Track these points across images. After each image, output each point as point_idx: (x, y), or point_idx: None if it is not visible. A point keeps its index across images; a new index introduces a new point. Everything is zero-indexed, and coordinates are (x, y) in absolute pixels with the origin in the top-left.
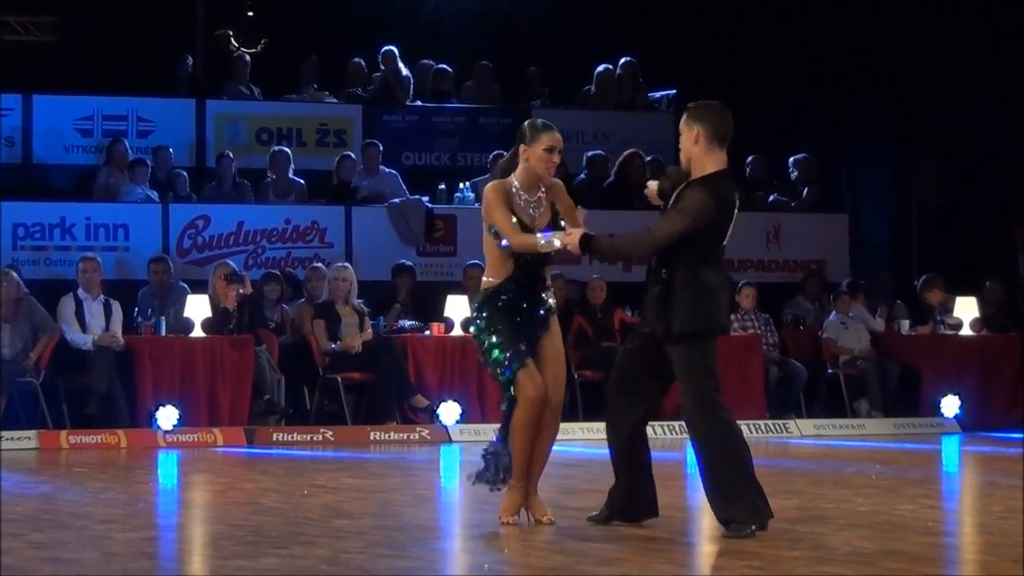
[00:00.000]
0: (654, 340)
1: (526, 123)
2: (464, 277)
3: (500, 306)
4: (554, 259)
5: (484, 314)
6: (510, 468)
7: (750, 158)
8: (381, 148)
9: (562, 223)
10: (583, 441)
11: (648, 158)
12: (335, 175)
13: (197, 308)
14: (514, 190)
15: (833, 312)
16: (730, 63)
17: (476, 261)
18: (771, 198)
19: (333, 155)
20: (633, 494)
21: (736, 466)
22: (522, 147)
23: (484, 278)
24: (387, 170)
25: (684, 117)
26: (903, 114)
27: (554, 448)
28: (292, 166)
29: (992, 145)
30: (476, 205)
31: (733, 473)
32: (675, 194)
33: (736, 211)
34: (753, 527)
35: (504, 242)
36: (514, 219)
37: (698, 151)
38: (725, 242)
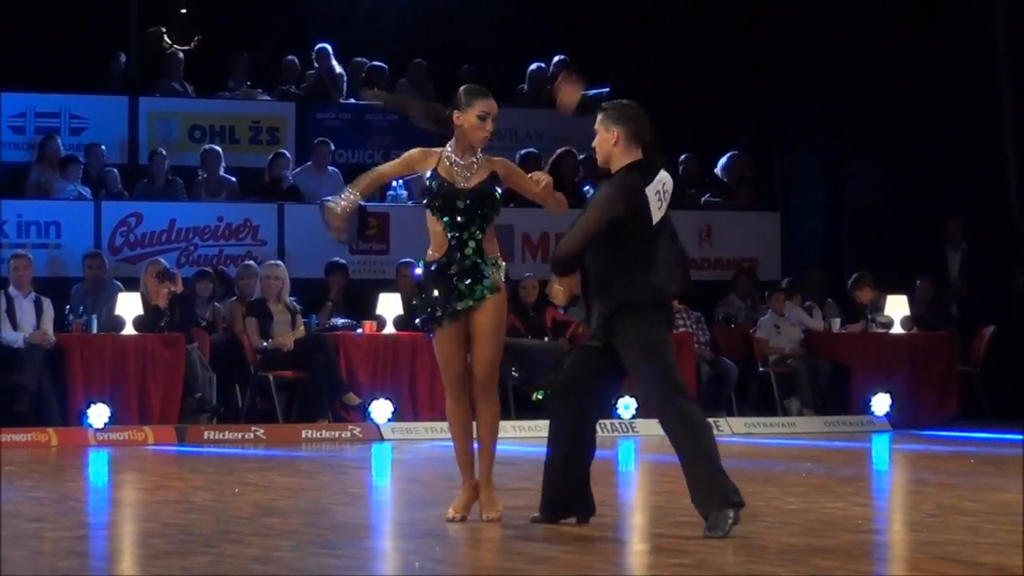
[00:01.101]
0: (599, 350)
1: (462, 88)
2: (396, 275)
3: (427, 278)
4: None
5: (417, 288)
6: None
7: (683, 157)
8: (332, 147)
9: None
10: (515, 439)
11: (581, 156)
12: (267, 172)
13: (129, 306)
14: (445, 154)
15: (768, 311)
16: (663, 61)
17: (409, 259)
18: (704, 197)
19: (266, 152)
20: (571, 494)
21: (708, 457)
22: (455, 112)
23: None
24: (332, 169)
25: (601, 117)
26: (835, 113)
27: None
28: (223, 164)
29: (922, 144)
30: (409, 203)
31: (705, 465)
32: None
33: (662, 192)
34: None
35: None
36: (434, 180)
37: (617, 151)
38: (655, 222)
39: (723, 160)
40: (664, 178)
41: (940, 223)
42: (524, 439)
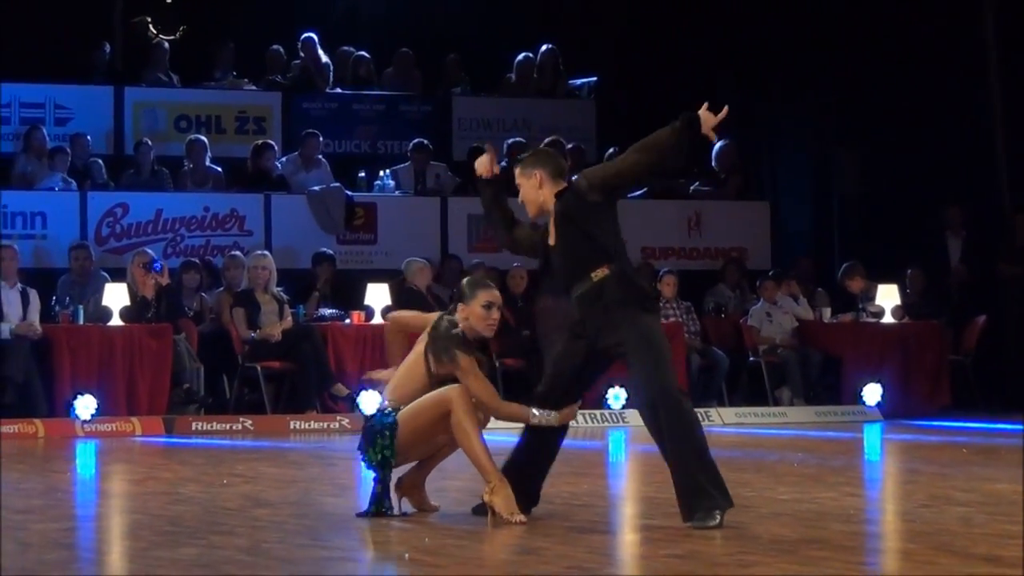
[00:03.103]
0: (579, 352)
1: (464, 282)
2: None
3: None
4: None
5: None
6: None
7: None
8: (321, 139)
9: None
10: (505, 429)
11: (569, 145)
12: (250, 162)
13: (115, 296)
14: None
15: (760, 300)
16: (650, 51)
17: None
18: (692, 186)
19: (253, 142)
20: (524, 491)
21: (700, 453)
22: (460, 306)
23: (392, 393)
24: (323, 160)
25: (519, 170)
26: (823, 102)
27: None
28: (209, 154)
29: (911, 132)
30: (396, 193)
31: (697, 462)
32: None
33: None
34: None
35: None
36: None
37: (547, 192)
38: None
39: (714, 149)
40: None
41: (930, 211)
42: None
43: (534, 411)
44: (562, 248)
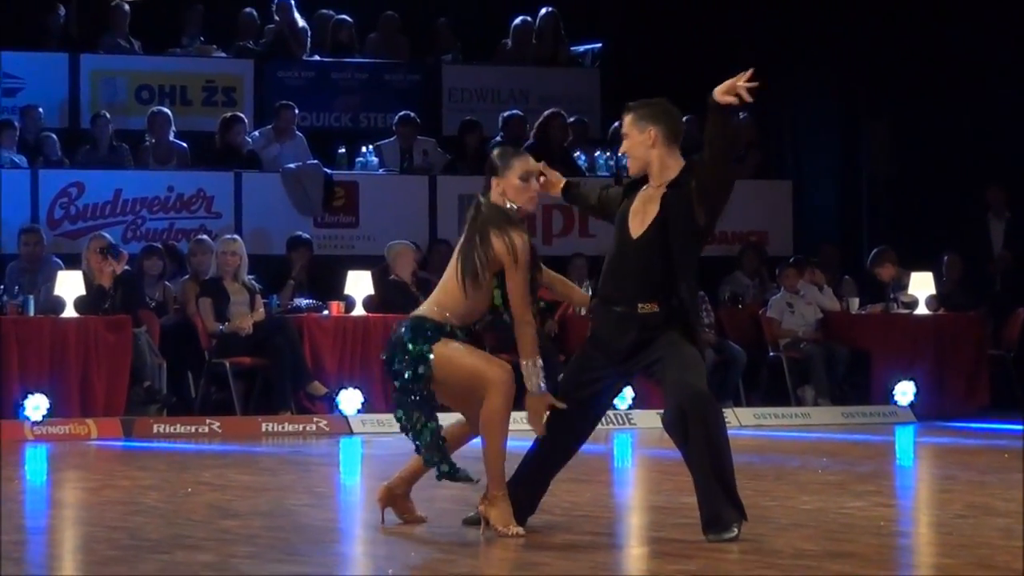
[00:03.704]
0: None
1: (494, 153)
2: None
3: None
4: None
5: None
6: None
7: (684, 118)
8: (297, 111)
9: None
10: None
11: (571, 119)
12: (218, 137)
13: (69, 285)
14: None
15: (780, 289)
16: (660, 14)
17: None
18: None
19: (222, 115)
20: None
21: (726, 462)
22: (494, 180)
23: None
24: (297, 134)
25: (630, 118)
26: (849, 70)
27: (471, 442)
28: (173, 128)
29: (948, 102)
30: (380, 171)
31: (721, 472)
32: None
33: None
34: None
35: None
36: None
37: (658, 153)
38: None
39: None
40: None
41: (970, 190)
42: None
43: (534, 377)
44: (643, 250)
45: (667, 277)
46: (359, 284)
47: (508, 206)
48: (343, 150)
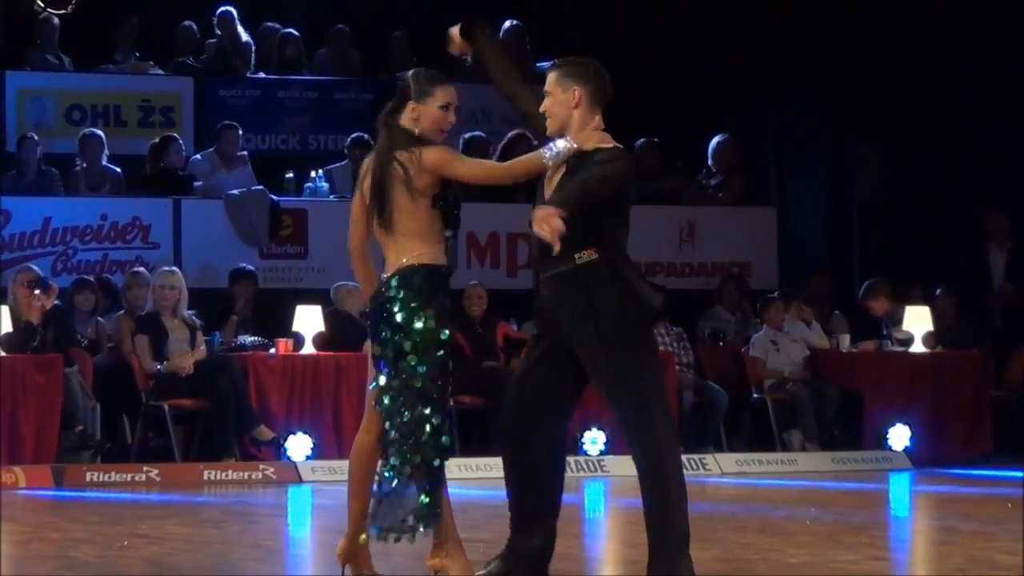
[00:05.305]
0: (556, 349)
1: (411, 74)
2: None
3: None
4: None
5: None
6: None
7: (639, 142)
8: (241, 133)
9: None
10: (460, 481)
11: (536, 141)
12: (149, 161)
13: None
14: None
15: (763, 326)
16: (632, 28)
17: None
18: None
19: (159, 137)
20: (543, 548)
21: (684, 501)
22: (411, 104)
23: (413, 254)
24: (243, 158)
25: (556, 75)
26: (839, 89)
27: None
28: (106, 151)
29: (944, 123)
30: (331, 197)
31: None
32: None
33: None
34: None
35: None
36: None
37: (580, 115)
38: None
39: (711, 144)
40: None
41: (968, 218)
42: (470, 480)
43: (544, 153)
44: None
45: (592, 225)
46: (308, 320)
47: (416, 133)
48: (291, 175)
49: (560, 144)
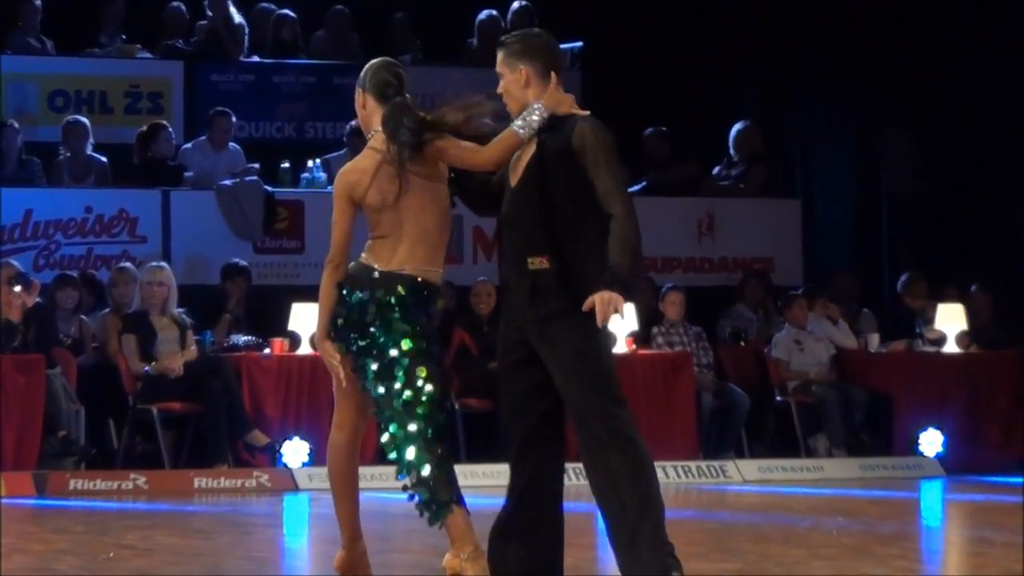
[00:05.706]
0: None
1: (368, 68)
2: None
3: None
4: None
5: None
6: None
7: (647, 131)
8: (234, 120)
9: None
10: (468, 488)
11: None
12: (136, 151)
13: None
14: None
15: (786, 325)
16: (646, 10)
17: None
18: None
19: (147, 124)
20: (545, 562)
21: (656, 506)
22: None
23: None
24: (233, 146)
25: (502, 56)
26: (867, 75)
27: None
28: (92, 140)
29: (977, 111)
30: (329, 188)
31: (652, 518)
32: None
33: None
34: None
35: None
36: None
37: (534, 93)
38: None
39: (732, 132)
40: None
41: (1003, 210)
42: (478, 488)
43: (518, 131)
44: (520, 199)
45: (552, 227)
46: (305, 318)
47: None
48: (286, 165)
49: (532, 117)
